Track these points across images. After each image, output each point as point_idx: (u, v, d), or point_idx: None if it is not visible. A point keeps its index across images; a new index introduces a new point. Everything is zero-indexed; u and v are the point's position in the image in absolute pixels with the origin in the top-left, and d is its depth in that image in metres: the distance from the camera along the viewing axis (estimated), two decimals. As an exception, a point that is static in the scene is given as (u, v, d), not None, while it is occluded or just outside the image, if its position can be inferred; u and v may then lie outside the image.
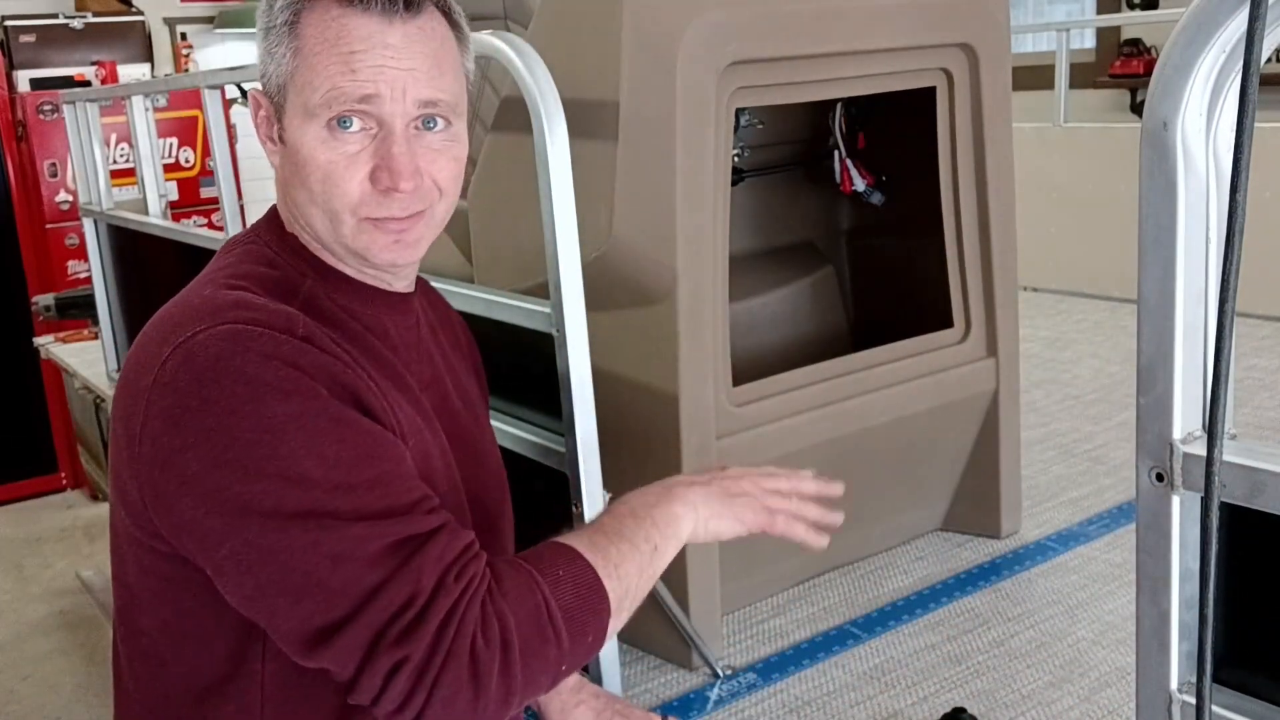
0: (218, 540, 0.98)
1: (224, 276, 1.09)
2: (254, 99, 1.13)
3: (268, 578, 0.97)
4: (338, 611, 0.96)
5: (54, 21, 6.08)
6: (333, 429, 0.99)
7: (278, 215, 1.17)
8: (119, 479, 1.07)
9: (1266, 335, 3.66)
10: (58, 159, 5.59)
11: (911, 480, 2.37)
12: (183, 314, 1.04)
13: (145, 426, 1.00)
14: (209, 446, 0.96)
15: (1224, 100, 0.86)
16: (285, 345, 1.00)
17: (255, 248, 1.14)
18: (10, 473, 5.70)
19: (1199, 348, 0.89)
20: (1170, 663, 0.93)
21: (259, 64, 1.12)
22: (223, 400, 0.97)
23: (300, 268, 1.12)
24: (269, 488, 0.96)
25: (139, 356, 1.04)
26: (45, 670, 4.14)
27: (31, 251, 5.67)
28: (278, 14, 1.09)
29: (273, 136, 1.12)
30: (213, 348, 0.98)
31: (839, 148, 2.45)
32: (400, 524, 0.99)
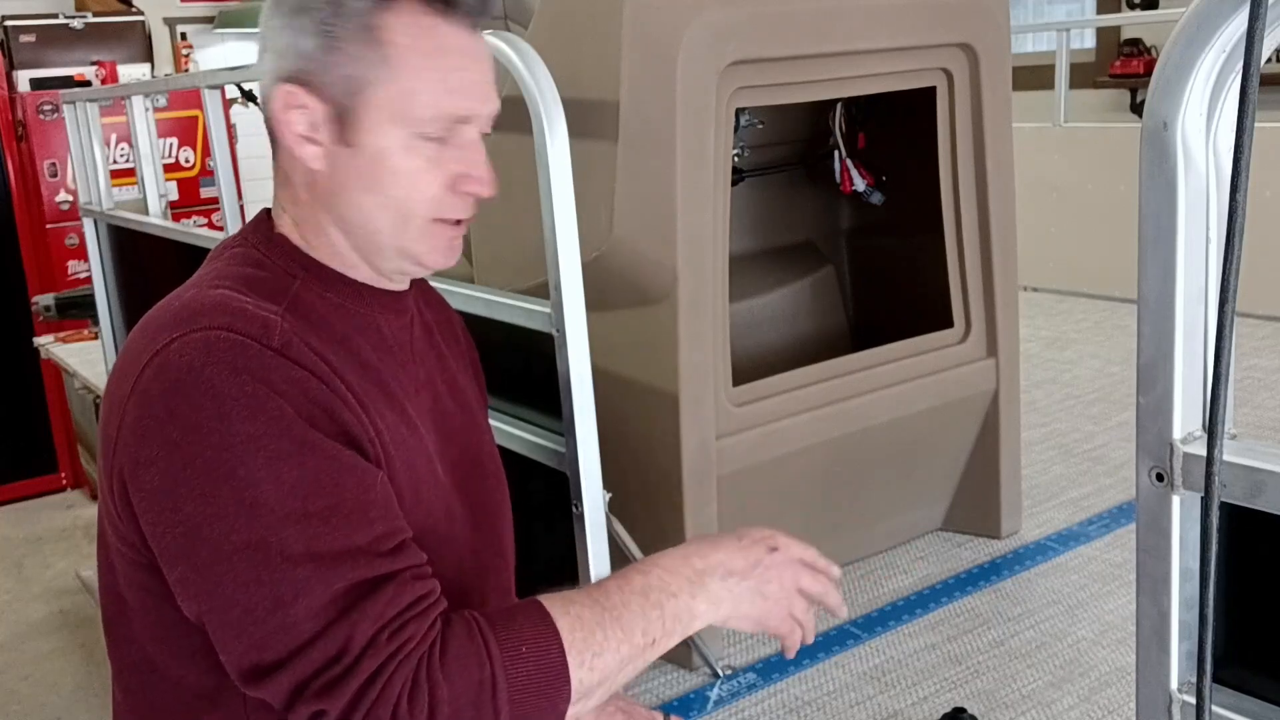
0: (171, 560, 0.99)
1: (210, 279, 1.08)
2: (290, 94, 1.06)
3: (210, 607, 0.97)
4: (269, 655, 0.95)
5: (54, 21, 6.08)
6: (296, 451, 0.96)
7: (266, 218, 1.14)
8: (102, 486, 1.07)
9: (1266, 335, 3.66)
10: (58, 159, 5.59)
11: (911, 480, 2.37)
12: (163, 318, 1.03)
13: (119, 435, 1.00)
14: (169, 462, 0.96)
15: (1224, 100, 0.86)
16: (258, 358, 0.98)
17: (242, 250, 1.12)
18: (10, 473, 5.70)
19: (1199, 348, 0.89)
20: (1170, 663, 0.93)
21: (298, 56, 1.06)
22: (189, 414, 0.96)
23: (290, 268, 1.10)
24: (220, 511, 0.95)
25: (122, 364, 1.04)
26: (45, 670, 4.14)
27: (31, 251, 5.67)
28: (349, 12, 1.04)
29: (316, 137, 1.07)
30: (185, 358, 0.97)
31: (839, 148, 2.45)
32: (349, 568, 0.96)
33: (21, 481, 5.74)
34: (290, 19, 1.06)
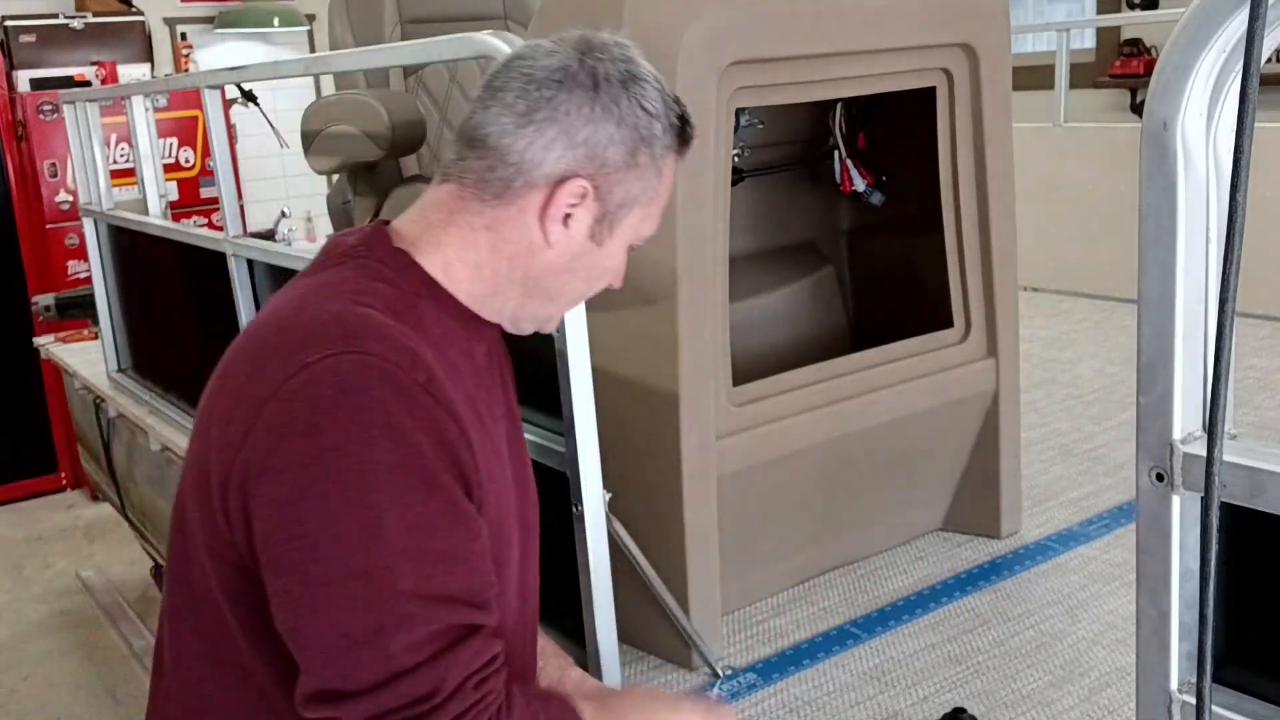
0: (278, 569, 1.00)
1: (348, 291, 1.09)
2: (581, 189, 1.14)
3: (307, 624, 0.99)
4: (354, 683, 0.97)
5: (54, 21, 6.08)
6: (424, 490, 1.00)
7: (386, 236, 1.17)
8: (198, 475, 1.07)
9: (1266, 335, 3.66)
10: (58, 159, 5.59)
11: (911, 480, 2.37)
12: (313, 328, 1.04)
13: (250, 436, 1.01)
14: (301, 475, 0.98)
15: (1224, 100, 0.86)
16: (407, 391, 1.01)
17: (370, 263, 1.14)
18: (10, 473, 5.70)
19: (1199, 348, 0.89)
20: (1170, 663, 0.93)
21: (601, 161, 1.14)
22: (332, 433, 0.98)
23: (415, 287, 1.14)
24: (343, 533, 0.97)
25: (258, 362, 1.05)
26: (45, 670, 4.14)
27: (31, 251, 5.67)
28: (654, 145, 1.16)
29: (572, 228, 1.16)
30: (338, 378, 1.00)
31: (839, 148, 2.45)
32: (448, 612, 1.00)
33: (21, 481, 5.74)
34: (604, 124, 1.13)
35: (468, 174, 1.15)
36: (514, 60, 1.16)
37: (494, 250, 1.16)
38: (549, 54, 1.15)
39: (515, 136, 1.13)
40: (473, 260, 1.16)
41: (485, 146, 1.14)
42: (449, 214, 1.16)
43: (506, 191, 1.14)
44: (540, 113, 1.12)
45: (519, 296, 1.19)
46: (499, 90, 1.14)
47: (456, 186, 1.16)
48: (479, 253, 1.16)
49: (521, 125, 1.12)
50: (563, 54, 1.14)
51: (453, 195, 1.16)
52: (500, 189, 1.14)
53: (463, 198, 1.16)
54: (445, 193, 1.17)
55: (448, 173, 1.18)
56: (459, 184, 1.16)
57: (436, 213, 1.17)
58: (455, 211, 1.16)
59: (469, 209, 1.15)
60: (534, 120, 1.12)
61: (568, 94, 1.12)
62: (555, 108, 1.12)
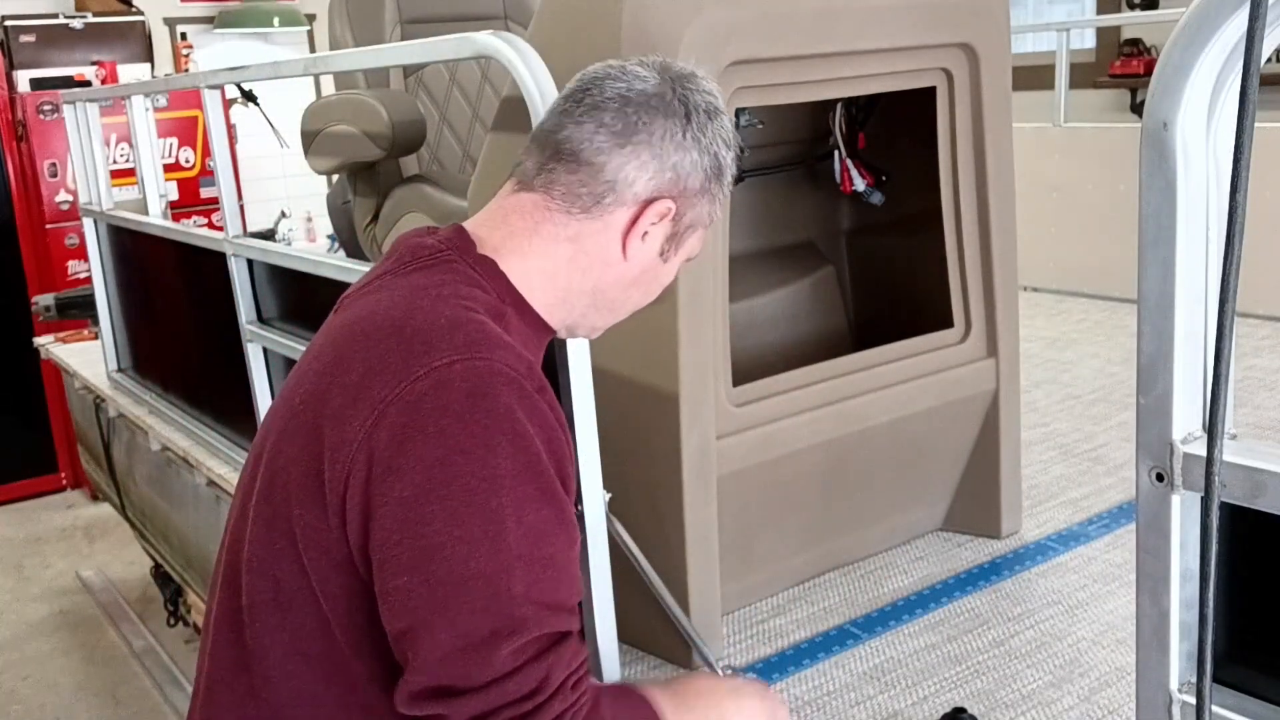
0: (396, 569, 1.01)
1: (453, 295, 1.12)
2: (667, 210, 1.20)
3: (423, 623, 1.01)
4: (465, 681, 1.00)
5: (54, 21, 6.08)
6: (540, 497, 1.04)
7: (470, 241, 1.20)
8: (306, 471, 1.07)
9: (1266, 335, 3.66)
10: (58, 159, 5.59)
11: (911, 480, 2.37)
12: (432, 331, 1.06)
13: (371, 436, 1.02)
14: (427, 477, 1.00)
15: (1224, 100, 0.86)
16: (530, 400, 1.05)
17: (460, 267, 1.17)
18: (10, 473, 5.70)
19: (1199, 348, 0.89)
20: (1170, 663, 0.94)
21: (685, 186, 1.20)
22: (460, 438, 1.00)
23: (501, 294, 1.17)
24: (467, 536, 1.00)
25: (374, 361, 1.06)
26: (45, 670, 4.14)
27: (31, 251, 5.67)
28: (724, 174, 1.23)
29: (648, 245, 1.21)
30: (467, 383, 1.02)
31: (839, 148, 2.45)
32: (553, 617, 1.04)
33: (21, 481, 5.74)
34: (691, 151, 1.19)
35: (555, 186, 1.19)
36: (606, 80, 1.20)
37: (572, 262, 1.20)
38: (643, 78, 1.19)
39: (610, 155, 1.17)
40: (550, 270, 1.20)
41: (579, 161, 1.18)
42: (534, 224, 1.19)
43: (596, 207, 1.18)
44: (638, 135, 1.17)
45: (584, 307, 1.24)
46: (595, 108, 1.18)
47: (543, 197, 1.19)
48: (557, 263, 1.20)
49: (619, 145, 1.17)
50: (656, 79, 1.19)
51: (538, 205, 1.20)
52: (590, 204, 1.18)
53: (549, 209, 1.19)
54: (529, 202, 1.20)
55: (529, 181, 1.21)
56: (545, 195, 1.19)
57: (521, 220, 1.20)
58: (541, 222, 1.19)
59: (555, 220, 1.19)
60: (631, 141, 1.17)
61: (664, 120, 1.18)
62: (651, 132, 1.17)
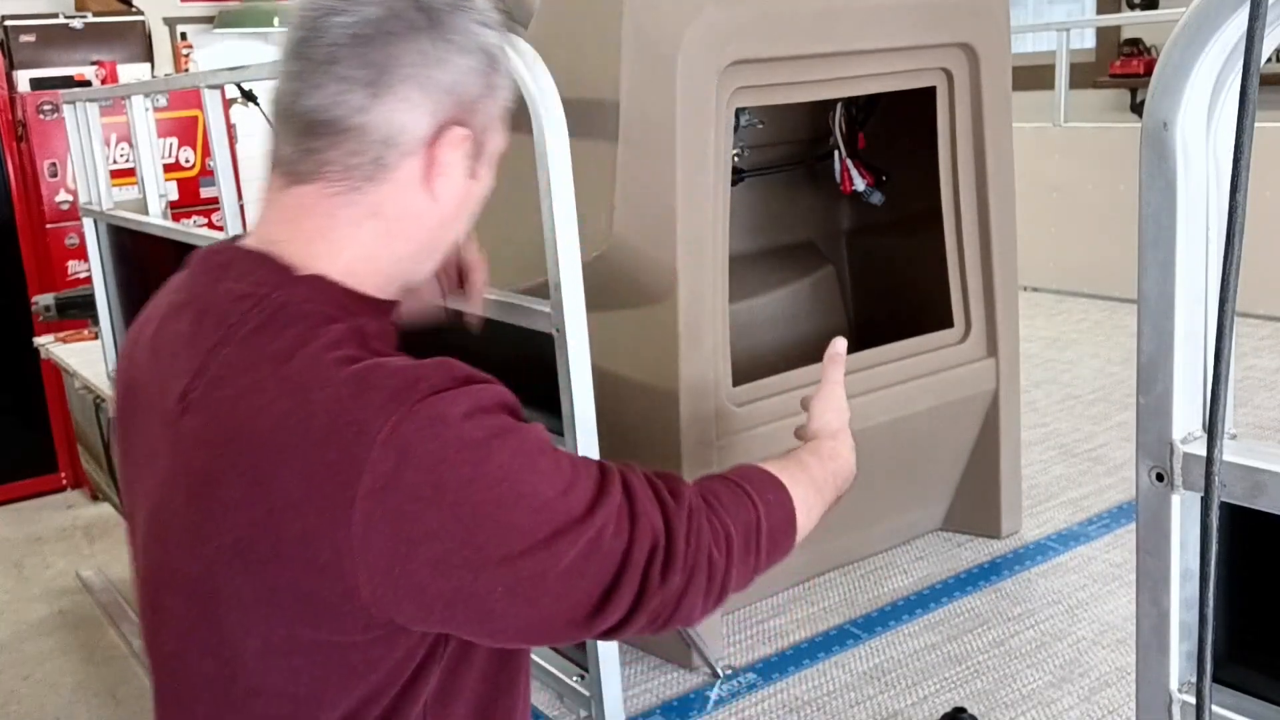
0: (487, 590, 0.99)
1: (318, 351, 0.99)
2: (463, 137, 1.06)
3: (548, 597, 1.02)
4: (605, 580, 1.04)
5: (54, 21, 6.08)
6: (536, 450, 1.03)
7: (276, 262, 1.05)
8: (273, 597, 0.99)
9: (1266, 335, 3.66)
10: (58, 159, 5.59)
11: (911, 480, 2.37)
12: (347, 412, 0.95)
13: (366, 538, 0.94)
14: (457, 524, 0.97)
15: (1224, 100, 0.86)
16: (468, 396, 1.00)
17: (297, 306, 1.02)
18: (10, 473, 5.70)
19: (1199, 348, 0.89)
20: (1170, 663, 0.93)
21: (464, 99, 1.05)
22: (456, 475, 0.97)
23: (347, 309, 1.05)
24: (522, 528, 1.00)
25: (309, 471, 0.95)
26: (45, 670, 4.15)
27: (31, 251, 5.67)
28: (494, 55, 1.08)
29: (453, 174, 1.07)
30: (423, 434, 0.96)
31: (839, 148, 2.45)
32: (607, 493, 1.05)
33: (21, 481, 5.74)
34: (454, 59, 1.03)
35: (327, 167, 1.02)
36: (327, 21, 1.00)
37: (384, 235, 1.06)
38: (364, 2, 1.00)
39: (370, 110, 1.00)
40: (367, 254, 1.06)
41: (338, 130, 1.01)
42: (326, 217, 1.04)
43: (380, 171, 1.03)
44: (390, 74, 1.00)
45: (413, 265, 1.12)
46: (329, 62, 1.00)
47: (320, 185, 1.03)
48: (370, 244, 1.06)
49: (375, 95, 1.00)
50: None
51: (319, 196, 1.03)
52: (373, 170, 1.03)
53: (333, 195, 1.03)
54: (309, 195, 1.04)
55: (299, 171, 1.04)
56: (322, 182, 1.03)
57: (311, 220, 1.04)
58: (331, 212, 1.04)
59: (345, 203, 1.03)
60: (386, 85, 1.00)
61: (410, 42, 1.00)
62: (404, 63, 1.00)
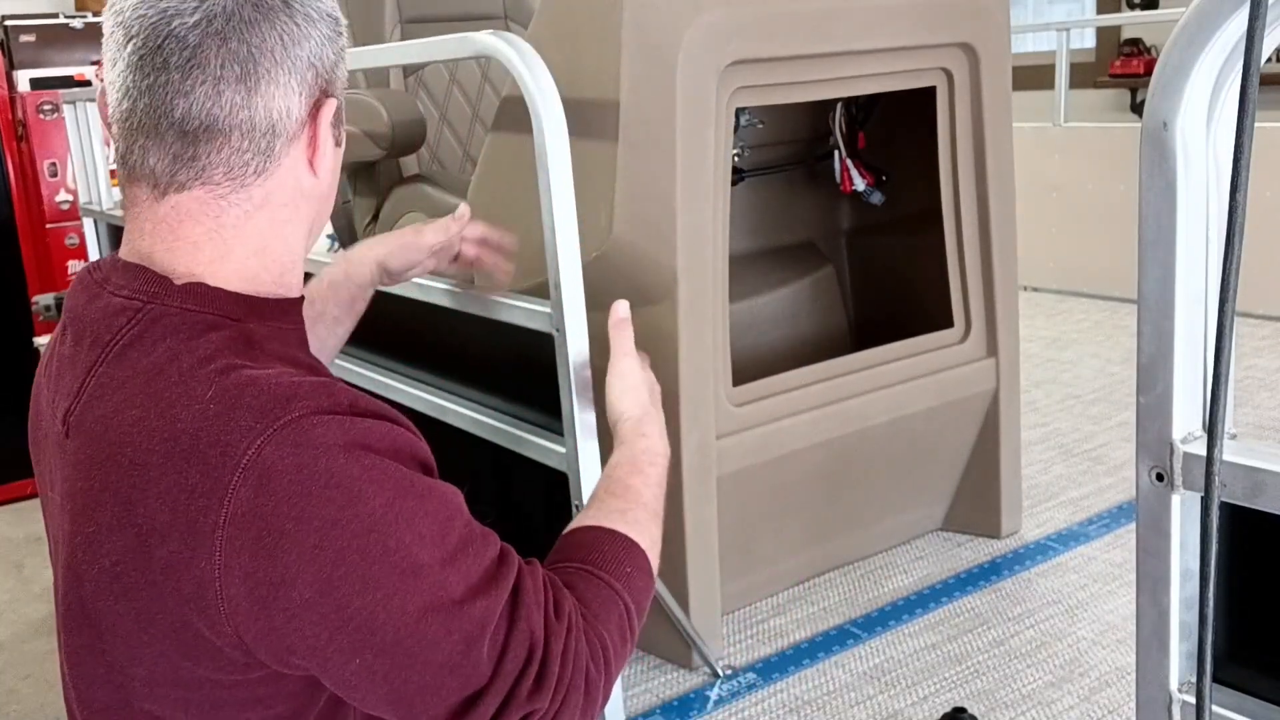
0: (346, 657, 0.93)
1: (190, 364, 0.94)
2: (331, 107, 1.03)
3: (402, 681, 0.95)
4: (474, 686, 0.96)
5: (54, 21, 6.08)
6: (419, 504, 0.94)
7: (154, 273, 1.00)
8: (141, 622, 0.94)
9: (1266, 335, 3.66)
10: (58, 159, 5.59)
11: (911, 480, 2.37)
12: (211, 430, 0.90)
13: (227, 568, 0.89)
14: (316, 567, 0.89)
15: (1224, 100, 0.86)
16: (351, 428, 0.92)
17: (173, 316, 0.97)
18: (10, 473, 5.69)
19: (1199, 348, 0.89)
20: (1170, 663, 0.93)
21: (324, 67, 1.02)
22: (320, 513, 0.89)
23: (231, 313, 1.00)
24: (389, 591, 0.92)
25: (173, 494, 0.90)
26: (46, 670, 4.14)
27: (31, 251, 5.67)
28: (339, 15, 1.04)
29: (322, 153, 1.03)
30: (286, 459, 0.89)
31: (839, 148, 2.45)
32: (499, 582, 0.98)
33: (22, 481, 5.74)
34: (310, 32, 1.00)
35: (212, 170, 0.98)
36: (168, 26, 0.95)
37: (275, 222, 1.02)
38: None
39: (250, 104, 0.97)
40: (258, 246, 1.02)
41: (222, 131, 0.97)
42: (213, 220, 1.00)
43: (270, 161, 1.00)
44: (260, 63, 0.97)
45: (302, 245, 1.07)
46: (191, 65, 0.95)
47: (205, 190, 0.98)
48: (260, 236, 1.02)
49: (251, 88, 0.97)
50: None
51: (205, 200, 0.99)
52: (264, 162, 1.00)
53: (221, 197, 0.99)
54: (191, 202, 0.99)
55: (176, 182, 0.98)
56: (207, 186, 0.98)
57: (195, 226, 0.99)
58: (219, 214, 1.00)
59: (234, 201, 1.00)
60: (260, 76, 0.97)
61: (269, 26, 0.97)
62: (269, 49, 0.97)
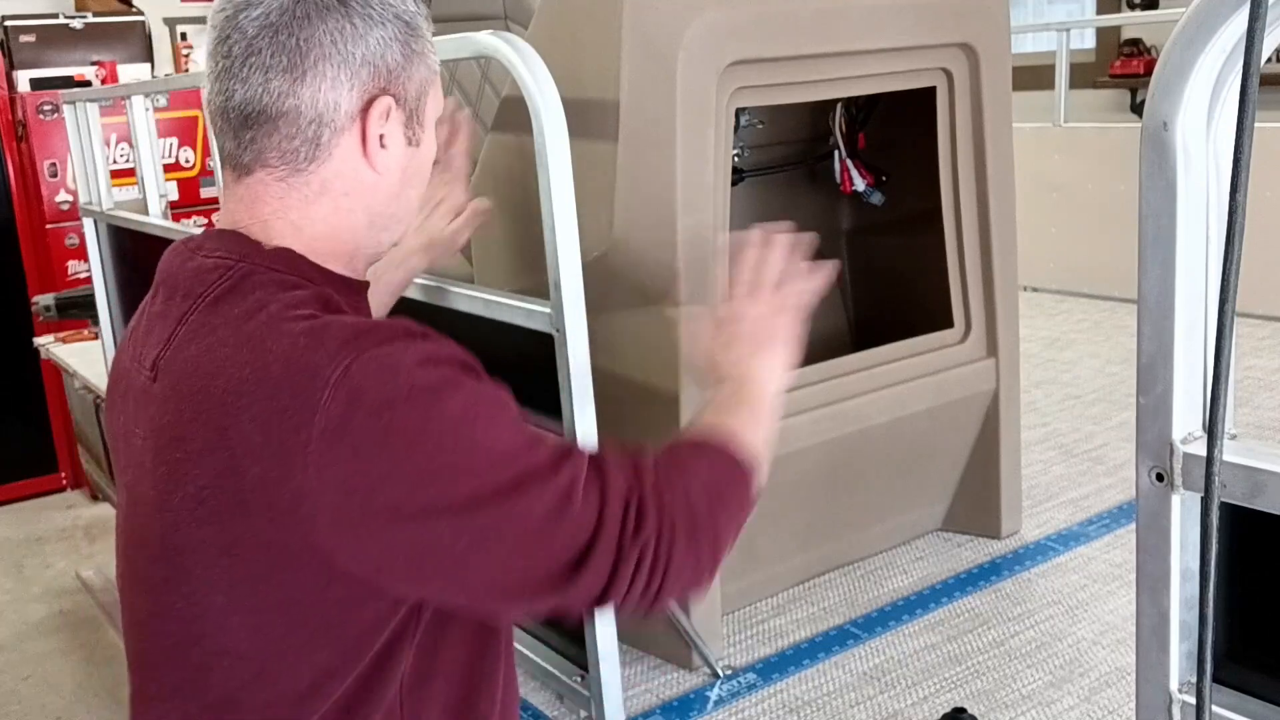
0: (451, 540, 1.00)
1: (279, 310, 1.03)
2: (387, 107, 1.10)
3: (512, 549, 1.02)
4: (576, 545, 1.03)
5: (54, 21, 6.08)
6: (493, 402, 1.04)
7: (246, 238, 1.11)
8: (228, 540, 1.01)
9: (1266, 335, 3.66)
10: (58, 159, 5.59)
11: (911, 480, 2.37)
12: (301, 358, 0.98)
13: (321, 479, 0.96)
14: (411, 468, 0.98)
15: (1224, 100, 0.86)
16: (424, 347, 1.02)
17: (263, 273, 1.07)
18: (10, 473, 5.70)
19: (1199, 348, 0.89)
20: (1170, 663, 0.94)
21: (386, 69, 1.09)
22: (407, 420, 0.97)
23: (314, 278, 1.10)
24: (480, 474, 1.00)
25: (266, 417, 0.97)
26: (45, 670, 4.14)
27: (31, 251, 5.67)
28: (415, 22, 1.12)
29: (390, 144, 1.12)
30: (371, 375, 0.97)
31: (839, 148, 2.45)
32: (575, 454, 1.07)
33: (21, 481, 5.74)
34: (369, 32, 1.08)
35: (268, 155, 1.09)
36: (237, 18, 1.06)
37: (336, 211, 1.12)
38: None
39: (296, 94, 1.06)
40: (326, 231, 1.12)
41: (271, 118, 1.07)
42: (280, 200, 1.10)
43: (319, 150, 1.09)
44: (309, 56, 1.05)
45: (372, 237, 1.16)
46: (247, 55, 1.06)
47: (265, 173, 1.10)
48: (326, 221, 1.12)
49: (297, 79, 1.06)
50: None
51: (268, 182, 1.10)
52: (312, 150, 1.09)
53: (281, 180, 1.10)
54: (258, 184, 1.10)
55: (242, 164, 1.11)
56: (266, 169, 1.10)
57: (266, 205, 1.11)
58: (284, 195, 1.10)
59: (294, 185, 1.10)
60: (307, 68, 1.06)
61: (321, 23, 1.06)
62: (319, 44, 1.06)
